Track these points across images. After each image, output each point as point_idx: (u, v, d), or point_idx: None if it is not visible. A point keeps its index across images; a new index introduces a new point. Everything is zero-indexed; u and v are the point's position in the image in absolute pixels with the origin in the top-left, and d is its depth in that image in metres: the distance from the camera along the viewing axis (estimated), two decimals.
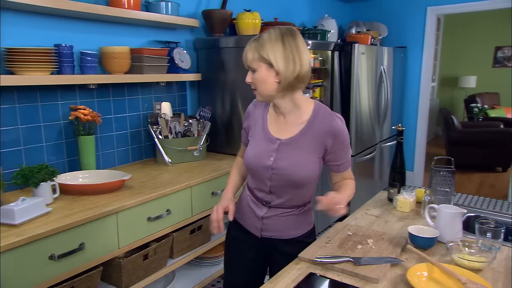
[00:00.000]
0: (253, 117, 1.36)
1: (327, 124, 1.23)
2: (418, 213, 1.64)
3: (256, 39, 1.20)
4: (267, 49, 1.15)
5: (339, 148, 1.26)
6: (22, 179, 1.57)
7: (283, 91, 1.20)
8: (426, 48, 4.30)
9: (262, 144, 1.30)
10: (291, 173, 1.25)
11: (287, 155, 1.25)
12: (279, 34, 1.16)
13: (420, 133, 4.51)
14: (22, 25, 1.80)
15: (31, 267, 1.37)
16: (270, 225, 1.36)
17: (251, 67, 1.21)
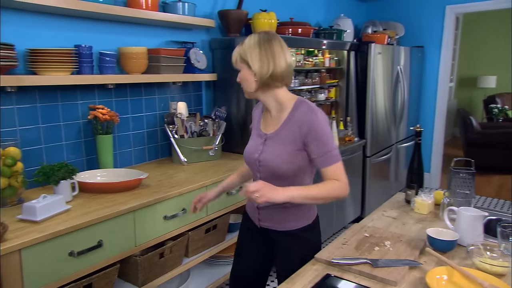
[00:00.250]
0: (254, 118, 1.51)
1: (303, 117, 1.30)
2: (436, 216, 1.61)
3: (240, 44, 1.34)
4: (247, 53, 1.30)
5: (313, 140, 1.29)
6: (43, 176, 1.61)
7: (261, 88, 1.33)
8: (444, 48, 4.22)
9: (255, 139, 1.44)
10: (275, 165, 1.33)
11: (271, 148, 1.35)
12: (257, 39, 1.30)
13: (438, 134, 4.43)
14: (43, 26, 1.84)
15: (52, 263, 1.40)
16: (266, 215, 1.43)
17: (237, 68, 1.36)
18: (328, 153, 1.29)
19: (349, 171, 1.63)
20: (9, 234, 1.32)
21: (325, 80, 3.30)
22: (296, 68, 2.93)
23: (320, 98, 3.27)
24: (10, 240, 1.29)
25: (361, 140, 3.44)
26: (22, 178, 1.61)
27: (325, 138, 1.29)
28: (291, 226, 1.40)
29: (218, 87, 2.73)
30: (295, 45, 2.83)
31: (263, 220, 1.45)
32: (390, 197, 1.91)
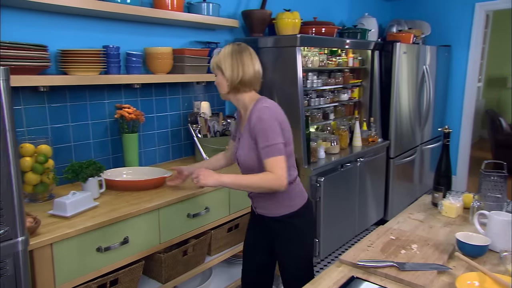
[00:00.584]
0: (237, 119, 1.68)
1: (254, 114, 1.46)
2: (465, 219, 1.57)
3: (217, 53, 1.52)
4: (221, 61, 1.49)
5: (257, 134, 1.43)
6: (73, 173, 1.65)
7: (232, 91, 1.51)
8: (473, 47, 4.10)
9: (237, 139, 1.61)
10: (244, 161, 1.52)
11: (241, 145, 1.53)
12: (230, 50, 1.49)
13: (465, 135, 4.30)
14: (74, 28, 1.90)
15: (81, 258, 1.44)
16: (256, 203, 1.62)
17: (214, 73, 1.54)
18: (268, 146, 1.42)
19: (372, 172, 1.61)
20: (41, 229, 1.37)
21: (348, 80, 3.26)
22: (319, 68, 2.91)
23: (343, 98, 3.24)
24: (42, 234, 1.34)
25: (384, 141, 3.38)
26: (53, 175, 1.66)
27: (266, 132, 1.42)
28: (279, 212, 1.55)
29: None
30: (318, 45, 2.81)
31: (258, 207, 1.62)
32: (414, 200, 1.88)
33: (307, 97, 2.86)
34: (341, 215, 2.87)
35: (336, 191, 2.76)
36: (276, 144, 1.41)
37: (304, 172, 2.52)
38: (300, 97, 2.47)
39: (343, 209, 2.87)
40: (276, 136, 1.41)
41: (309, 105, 2.86)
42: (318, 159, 2.68)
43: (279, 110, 1.50)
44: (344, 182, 2.85)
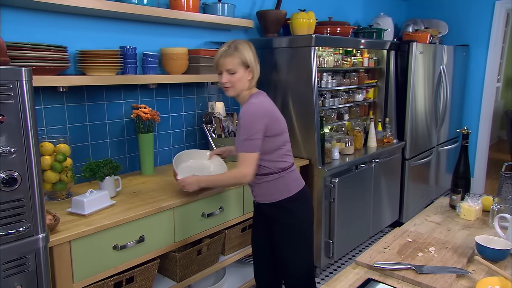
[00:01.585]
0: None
1: (242, 108, 1.56)
2: (484, 222, 1.54)
3: (233, 49, 1.54)
4: (246, 56, 1.54)
5: (238, 125, 1.56)
6: (90, 172, 1.68)
7: (250, 86, 1.60)
8: (492, 46, 4.00)
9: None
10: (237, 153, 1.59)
11: (236, 137, 1.59)
12: (246, 44, 1.57)
13: (482, 136, 4.21)
14: (92, 29, 1.93)
15: (98, 255, 1.47)
16: (255, 190, 1.68)
17: (230, 70, 1.54)
18: (241, 140, 1.52)
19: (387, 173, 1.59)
20: (60, 226, 1.40)
21: (363, 80, 3.22)
22: (334, 68, 2.89)
23: (358, 99, 3.21)
24: (61, 231, 1.36)
25: (400, 142, 3.33)
26: (71, 174, 1.69)
27: (245, 127, 1.51)
28: (275, 198, 1.63)
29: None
30: (333, 45, 2.79)
31: (256, 195, 1.69)
32: (429, 202, 1.85)
33: (321, 97, 2.85)
34: (355, 216, 2.85)
35: (351, 192, 2.74)
36: (251, 140, 1.50)
37: (318, 173, 2.51)
38: (315, 97, 2.46)
39: (357, 211, 2.84)
40: (254, 132, 1.50)
41: (323, 105, 2.84)
42: (333, 160, 2.66)
43: (267, 105, 1.58)
44: (358, 183, 2.82)
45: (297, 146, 2.56)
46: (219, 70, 1.58)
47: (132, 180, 2.01)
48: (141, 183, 1.97)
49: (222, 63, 1.55)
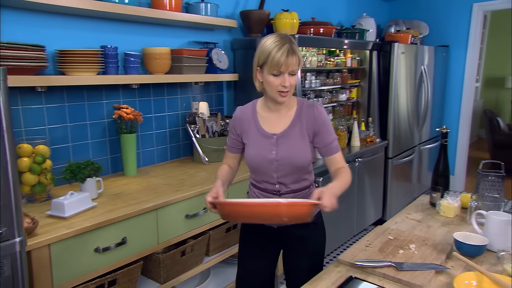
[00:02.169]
0: (244, 122, 1.47)
1: (311, 113, 1.41)
2: (463, 219, 1.57)
3: (292, 45, 1.30)
4: (300, 54, 1.34)
5: (324, 131, 1.40)
6: (71, 174, 1.65)
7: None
8: (471, 47, 4.10)
9: (261, 142, 1.43)
10: (293, 159, 1.40)
11: (285, 145, 1.40)
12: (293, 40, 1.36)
13: (462, 135, 4.32)
14: (72, 28, 1.89)
15: (78, 258, 1.44)
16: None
17: (293, 71, 1.32)
18: (334, 141, 1.42)
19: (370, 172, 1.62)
20: (39, 229, 1.36)
21: (346, 80, 3.26)
22: (317, 68, 2.91)
23: (341, 99, 3.24)
24: (40, 235, 1.33)
25: (383, 141, 3.38)
26: (51, 175, 1.66)
27: (330, 129, 1.43)
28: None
29: (239, 87, 2.74)
30: (316, 45, 2.81)
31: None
32: (412, 200, 1.88)
33: (305, 97, 2.87)
34: (340, 215, 2.87)
35: None
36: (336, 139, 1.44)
37: None
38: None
39: (341, 209, 2.87)
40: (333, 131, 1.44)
41: None
42: (317, 159, 2.68)
43: None
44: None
45: None
46: (279, 71, 1.30)
47: (114, 182, 1.99)
48: (124, 184, 1.95)
49: (288, 63, 1.28)
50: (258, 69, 1.36)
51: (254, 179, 1.51)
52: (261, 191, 1.49)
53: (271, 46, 1.29)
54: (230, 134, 1.52)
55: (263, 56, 1.31)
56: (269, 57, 1.28)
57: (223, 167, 1.54)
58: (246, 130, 1.45)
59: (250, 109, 1.47)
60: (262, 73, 1.35)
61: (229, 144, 1.53)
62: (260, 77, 1.37)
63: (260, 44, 1.34)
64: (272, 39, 1.31)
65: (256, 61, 1.36)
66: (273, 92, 1.34)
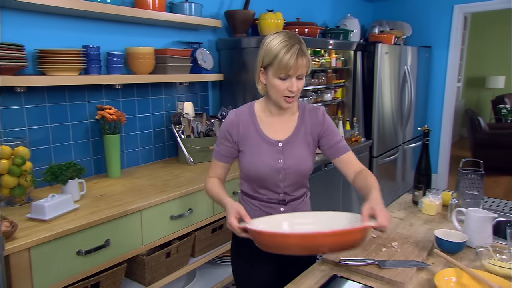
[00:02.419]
0: (242, 127, 1.30)
1: (315, 117, 1.35)
2: (444, 217, 1.60)
3: (301, 46, 1.18)
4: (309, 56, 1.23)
5: (329, 132, 1.35)
6: (52, 176, 1.62)
7: None
8: (452, 48, 4.19)
9: (264, 149, 1.29)
10: (300, 167, 1.32)
11: (291, 153, 1.31)
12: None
13: (445, 134, 4.40)
14: (52, 27, 1.86)
15: (60, 262, 1.41)
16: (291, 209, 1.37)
17: (301, 75, 1.21)
18: (341, 140, 1.35)
19: None
20: (18, 233, 1.33)
21: (331, 80, 3.29)
22: None
23: (326, 99, 3.26)
24: (19, 238, 1.30)
25: (367, 140, 3.42)
26: (31, 178, 1.62)
27: (335, 129, 1.37)
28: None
29: (224, 87, 2.73)
30: None
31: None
32: (396, 198, 1.90)
33: None
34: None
35: (320, 191, 2.78)
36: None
37: None
38: None
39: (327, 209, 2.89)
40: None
41: None
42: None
43: None
44: (327, 181, 2.87)
45: None
46: (287, 74, 1.18)
47: (97, 183, 1.96)
48: (107, 186, 1.92)
49: (297, 66, 1.17)
50: (261, 70, 1.24)
51: (252, 189, 1.35)
52: (263, 202, 1.34)
53: (279, 47, 1.17)
54: (222, 141, 1.33)
55: (268, 57, 1.19)
56: (276, 59, 1.17)
57: (215, 182, 1.35)
58: (245, 135, 1.30)
59: (247, 112, 1.33)
60: (266, 75, 1.23)
61: (221, 153, 1.34)
62: (264, 79, 1.25)
63: (264, 43, 1.22)
64: (280, 39, 1.18)
65: (260, 61, 1.23)
66: (278, 96, 1.23)
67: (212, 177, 1.38)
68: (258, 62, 1.25)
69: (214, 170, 1.37)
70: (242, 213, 1.16)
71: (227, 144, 1.32)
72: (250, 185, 1.35)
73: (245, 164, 1.31)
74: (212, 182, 1.36)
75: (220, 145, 1.34)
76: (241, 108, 1.36)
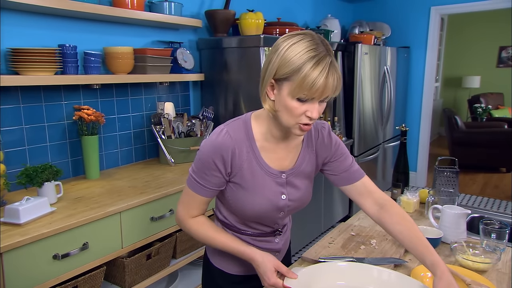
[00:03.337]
0: (240, 156, 1.01)
1: (321, 138, 1.12)
2: (421, 214, 1.64)
3: (333, 59, 0.90)
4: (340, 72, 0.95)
5: (339, 155, 1.13)
6: (27, 178, 1.58)
7: None
8: (430, 48, 4.29)
9: (265, 183, 1.04)
10: (304, 202, 1.13)
11: (296, 185, 1.09)
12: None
13: (424, 133, 4.50)
14: (26, 25, 1.81)
15: (35, 267, 1.38)
16: (283, 249, 1.22)
17: (327, 97, 0.93)
18: (353, 164, 1.13)
19: None
20: None
21: None
22: None
23: None
24: None
25: (348, 139, 3.47)
26: (4, 180, 1.57)
27: (345, 150, 1.14)
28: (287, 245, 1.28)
29: (205, 87, 2.72)
30: None
31: (281, 248, 1.21)
32: None
33: None
34: (308, 213, 2.92)
35: None
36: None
37: None
38: None
39: (309, 208, 2.92)
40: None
41: None
42: None
43: None
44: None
45: None
46: (311, 96, 0.90)
47: (75, 185, 1.92)
48: (85, 188, 1.88)
49: (326, 87, 0.89)
50: (272, 82, 0.94)
51: (240, 223, 1.12)
52: (254, 237, 1.13)
53: (304, 57, 0.87)
54: (209, 172, 1.00)
55: (286, 68, 0.89)
56: (299, 74, 0.87)
57: (206, 223, 1.08)
58: (241, 167, 1.02)
59: (245, 136, 1.02)
60: (278, 90, 0.93)
61: (207, 186, 1.03)
62: (273, 95, 0.96)
63: (281, 47, 0.91)
64: (305, 45, 0.89)
65: (272, 71, 0.92)
66: (291, 122, 0.94)
67: (195, 217, 1.08)
68: (268, 71, 0.94)
69: (198, 208, 1.07)
70: (283, 269, 0.98)
71: (216, 174, 1.01)
72: (238, 219, 1.12)
73: (238, 201, 1.05)
74: (205, 224, 1.07)
75: (205, 176, 1.01)
76: (235, 126, 1.03)
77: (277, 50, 0.92)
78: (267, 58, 0.96)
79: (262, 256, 1.00)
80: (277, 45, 0.93)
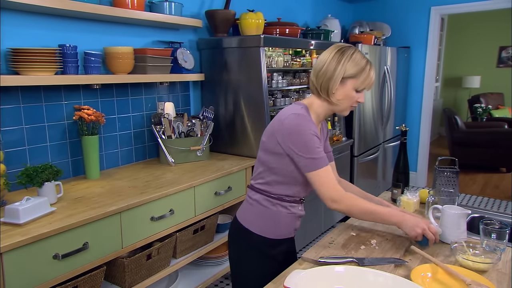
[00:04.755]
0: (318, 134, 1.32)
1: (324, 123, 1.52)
2: (421, 214, 1.63)
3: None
4: None
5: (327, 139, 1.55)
6: (27, 178, 1.58)
7: None
8: (430, 48, 4.29)
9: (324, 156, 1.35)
10: None
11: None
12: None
13: (424, 133, 4.50)
14: (26, 25, 1.81)
15: (35, 267, 1.38)
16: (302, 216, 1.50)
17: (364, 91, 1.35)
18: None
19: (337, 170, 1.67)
20: None
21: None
22: (284, 68, 2.94)
23: None
24: None
25: (348, 139, 3.46)
26: (4, 180, 1.57)
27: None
28: None
29: (205, 87, 2.72)
30: (282, 45, 2.83)
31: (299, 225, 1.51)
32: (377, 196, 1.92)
33: (272, 97, 2.89)
34: (308, 213, 2.92)
35: None
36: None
37: None
38: (265, 97, 2.49)
39: (309, 208, 2.92)
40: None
41: (274, 105, 2.88)
42: None
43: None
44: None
45: (248, 146, 2.58)
46: (367, 89, 1.34)
47: (75, 185, 1.92)
48: (86, 188, 1.88)
49: (373, 80, 1.34)
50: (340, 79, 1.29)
51: (289, 190, 1.38)
52: (290, 203, 1.40)
53: (364, 61, 1.28)
54: (318, 141, 1.27)
55: (355, 69, 1.27)
56: (363, 73, 1.28)
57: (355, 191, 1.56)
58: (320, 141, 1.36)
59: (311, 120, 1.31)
60: (342, 85, 1.29)
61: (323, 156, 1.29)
62: (335, 89, 1.30)
63: (345, 54, 1.28)
64: (360, 54, 1.30)
65: (342, 71, 1.27)
66: (347, 106, 1.33)
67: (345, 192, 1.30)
68: (339, 70, 1.27)
69: (334, 179, 1.30)
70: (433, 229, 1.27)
71: (320, 143, 1.29)
72: (289, 188, 1.36)
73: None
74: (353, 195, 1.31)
75: (319, 146, 1.27)
76: (303, 111, 1.30)
77: (343, 56, 1.28)
78: (331, 62, 1.28)
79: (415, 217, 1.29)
80: (344, 52, 1.29)
